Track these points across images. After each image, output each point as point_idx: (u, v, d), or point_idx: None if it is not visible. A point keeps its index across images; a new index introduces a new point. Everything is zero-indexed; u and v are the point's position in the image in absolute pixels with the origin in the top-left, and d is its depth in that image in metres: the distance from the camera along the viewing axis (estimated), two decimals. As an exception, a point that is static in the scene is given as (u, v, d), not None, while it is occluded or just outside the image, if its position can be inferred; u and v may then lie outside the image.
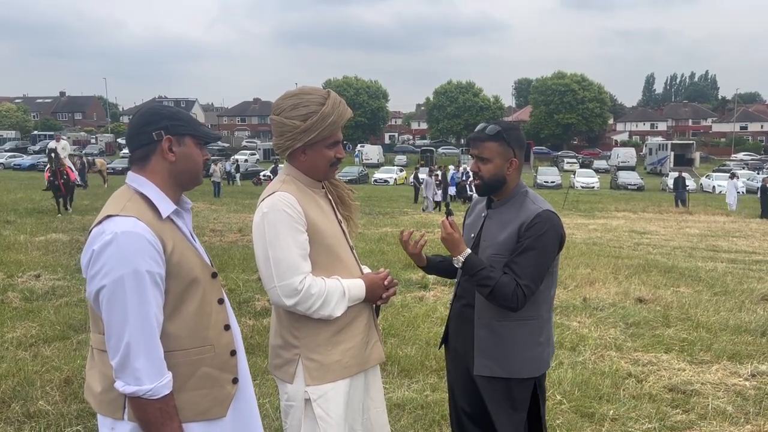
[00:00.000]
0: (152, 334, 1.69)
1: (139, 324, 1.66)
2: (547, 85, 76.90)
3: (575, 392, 4.28)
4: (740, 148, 75.82)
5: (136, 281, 1.65)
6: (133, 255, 1.66)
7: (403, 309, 6.36)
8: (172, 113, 1.84)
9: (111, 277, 1.65)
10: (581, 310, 6.53)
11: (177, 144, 1.83)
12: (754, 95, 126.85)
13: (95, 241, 1.69)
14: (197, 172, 1.90)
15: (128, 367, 1.66)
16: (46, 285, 7.08)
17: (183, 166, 1.85)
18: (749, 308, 6.98)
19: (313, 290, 2.03)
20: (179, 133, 1.83)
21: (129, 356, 1.65)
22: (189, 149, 1.85)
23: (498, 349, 2.41)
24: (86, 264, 1.71)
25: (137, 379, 1.66)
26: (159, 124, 1.81)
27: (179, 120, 1.84)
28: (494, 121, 2.49)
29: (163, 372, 1.71)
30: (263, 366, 4.60)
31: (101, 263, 1.66)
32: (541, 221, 2.33)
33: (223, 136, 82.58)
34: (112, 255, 1.65)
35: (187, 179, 1.89)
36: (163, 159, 1.82)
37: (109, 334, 1.68)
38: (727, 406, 4.15)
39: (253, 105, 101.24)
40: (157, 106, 1.88)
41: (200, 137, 1.88)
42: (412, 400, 4.11)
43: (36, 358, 4.75)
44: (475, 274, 2.33)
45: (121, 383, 1.68)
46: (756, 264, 10.94)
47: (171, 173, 1.84)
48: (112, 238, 1.66)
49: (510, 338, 2.40)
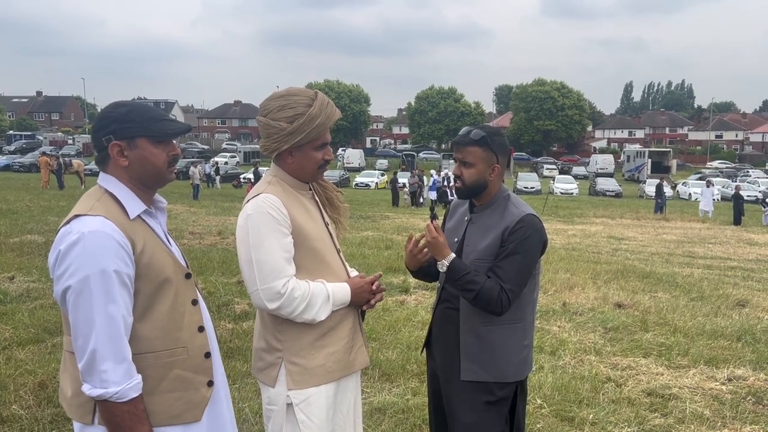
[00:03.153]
0: (119, 335, 1.64)
1: (105, 325, 1.62)
2: (527, 92, 77.63)
3: (555, 396, 4.30)
4: (715, 156, 77.22)
5: (103, 281, 1.62)
6: (100, 255, 1.62)
7: (384, 313, 6.35)
8: (121, 115, 1.75)
9: (77, 277, 1.61)
10: (561, 315, 6.57)
11: (128, 148, 1.76)
12: (729, 104, 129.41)
13: (62, 241, 1.66)
14: (157, 173, 1.81)
15: (95, 370, 1.62)
16: (20, 287, 6.95)
17: (139, 170, 1.78)
18: (725, 313, 7.09)
19: (296, 293, 2.01)
20: (128, 136, 1.75)
21: (95, 358, 1.61)
22: (143, 151, 1.77)
23: (485, 354, 2.41)
24: (53, 264, 1.67)
25: (103, 381, 1.62)
26: (107, 129, 1.75)
27: (129, 122, 1.75)
28: (479, 125, 2.48)
29: (131, 374, 1.66)
30: (243, 369, 4.55)
31: (67, 263, 1.62)
32: (524, 226, 2.33)
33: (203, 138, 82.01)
34: (79, 255, 1.62)
35: (150, 180, 1.82)
36: (117, 164, 1.77)
37: (76, 335, 1.64)
38: (704, 410, 4.19)
39: (234, 107, 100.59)
40: (110, 106, 1.80)
41: (156, 136, 1.78)
42: (393, 404, 4.09)
43: (9, 361, 4.65)
44: (460, 279, 2.33)
45: (87, 386, 1.64)
46: (731, 270, 11.12)
47: (130, 176, 1.79)
48: (79, 237, 1.63)
49: (496, 343, 2.40)
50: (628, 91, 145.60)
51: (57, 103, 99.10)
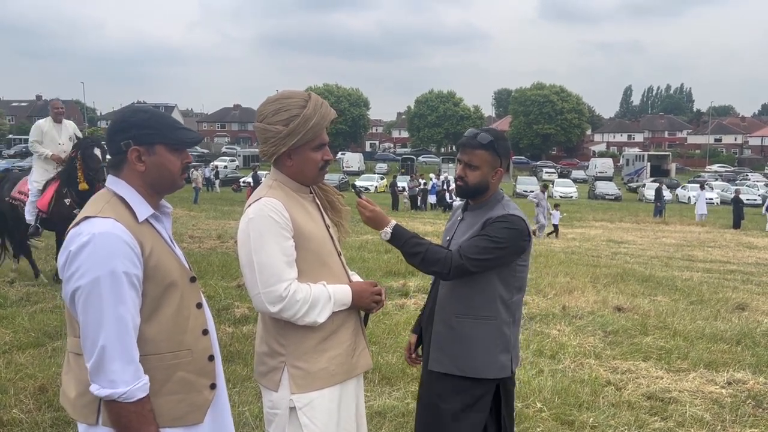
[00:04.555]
0: (128, 336, 1.66)
1: (114, 326, 1.63)
2: (526, 96, 77.80)
3: (555, 400, 4.30)
4: (714, 160, 77.30)
5: (113, 282, 1.63)
6: (110, 256, 1.64)
7: (384, 317, 6.35)
8: (142, 121, 1.78)
9: (87, 278, 1.63)
10: (560, 319, 6.58)
11: (147, 153, 1.79)
12: (728, 108, 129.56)
13: (72, 242, 1.67)
14: (172, 179, 1.85)
15: (103, 370, 1.63)
16: (20, 291, 6.95)
17: (155, 175, 1.81)
18: (725, 317, 7.10)
19: (298, 296, 2.01)
20: (148, 142, 1.78)
21: (104, 358, 1.63)
22: (161, 158, 1.80)
23: (453, 346, 2.42)
24: (62, 265, 1.69)
25: (112, 381, 1.64)
26: (127, 133, 1.77)
27: (149, 128, 1.78)
28: (485, 129, 2.50)
29: (139, 375, 1.68)
30: (243, 373, 4.55)
31: (77, 264, 1.64)
32: (504, 220, 2.36)
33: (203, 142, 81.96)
34: (89, 256, 1.64)
35: (163, 186, 1.86)
36: (133, 169, 1.79)
37: (85, 336, 1.65)
38: (704, 413, 4.20)
39: (234, 111, 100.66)
40: (129, 111, 1.82)
41: (174, 144, 1.82)
42: (394, 407, 4.09)
43: (10, 365, 4.65)
44: (405, 243, 2.35)
45: (95, 386, 1.65)
46: (730, 273, 11.13)
47: (144, 181, 1.81)
48: (89, 239, 1.65)
49: (466, 336, 2.41)
50: (628, 94, 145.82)
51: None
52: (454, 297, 2.45)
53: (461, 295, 2.43)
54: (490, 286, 2.40)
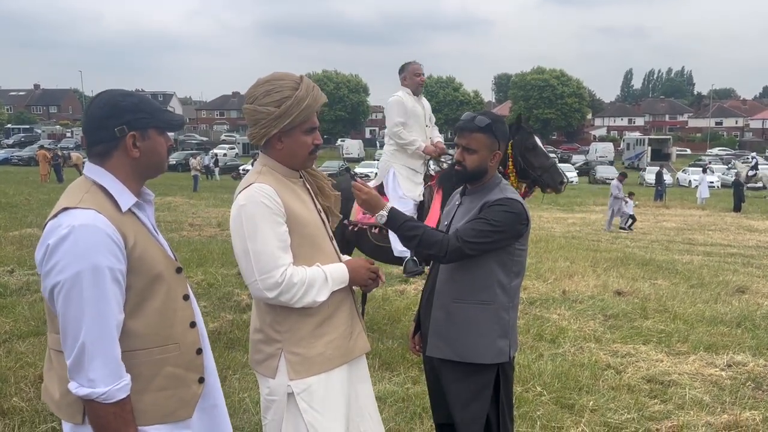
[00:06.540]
0: (110, 334, 1.59)
1: (96, 323, 1.56)
2: (526, 81, 77.34)
3: (555, 384, 4.30)
4: (715, 143, 76.99)
5: (95, 277, 1.56)
6: (92, 250, 1.56)
7: (384, 303, 6.36)
8: (134, 105, 1.71)
9: (67, 273, 1.55)
10: (561, 303, 6.58)
11: (141, 138, 1.73)
12: (729, 91, 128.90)
13: (51, 235, 1.59)
14: (162, 163, 1.81)
15: (82, 369, 1.57)
16: (20, 280, 6.95)
17: (148, 160, 1.76)
18: (725, 300, 7.10)
19: (294, 279, 2.00)
20: (143, 126, 1.72)
21: (83, 357, 1.56)
22: (153, 141, 1.75)
23: (451, 332, 2.42)
24: (41, 259, 1.61)
25: (91, 381, 1.57)
26: (121, 118, 1.69)
27: (142, 112, 1.71)
28: (482, 112, 2.48)
29: (120, 375, 1.61)
30: (243, 360, 4.56)
31: (57, 258, 1.56)
32: (501, 204, 2.35)
33: (202, 130, 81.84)
34: (69, 250, 1.56)
35: (152, 170, 1.81)
36: (126, 155, 1.72)
37: (65, 333, 1.58)
38: (703, 396, 4.21)
39: (232, 98, 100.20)
40: (117, 96, 1.73)
41: (164, 127, 1.78)
42: (394, 393, 4.10)
43: (10, 354, 4.66)
44: (402, 226, 2.33)
45: (74, 384, 1.59)
46: (731, 257, 11.14)
47: (135, 168, 1.75)
48: (69, 231, 1.57)
49: (464, 321, 2.40)
50: (628, 78, 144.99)
51: (55, 96, 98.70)
52: (453, 282, 2.44)
53: (459, 279, 2.42)
54: (488, 270, 2.38)
